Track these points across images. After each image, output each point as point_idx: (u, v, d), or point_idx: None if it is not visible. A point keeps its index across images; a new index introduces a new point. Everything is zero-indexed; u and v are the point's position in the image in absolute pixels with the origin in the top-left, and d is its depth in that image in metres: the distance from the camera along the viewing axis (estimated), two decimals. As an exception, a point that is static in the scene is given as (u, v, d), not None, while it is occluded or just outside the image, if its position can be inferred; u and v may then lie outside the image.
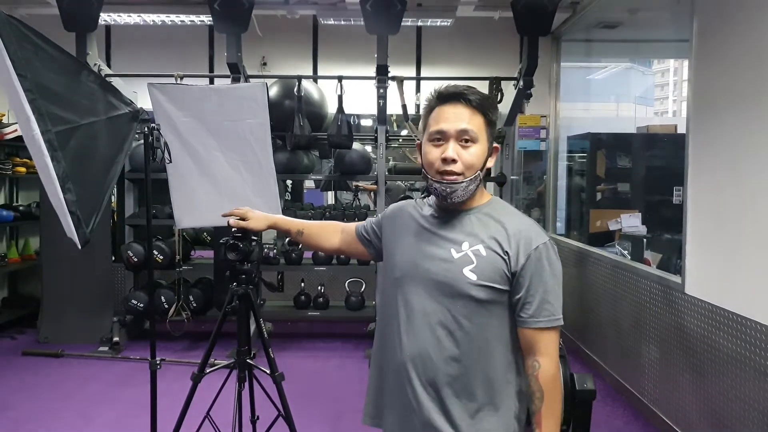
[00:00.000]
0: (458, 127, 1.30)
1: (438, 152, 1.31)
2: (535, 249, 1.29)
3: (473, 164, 1.31)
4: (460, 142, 1.30)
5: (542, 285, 1.28)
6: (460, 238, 1.33)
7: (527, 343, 1.31)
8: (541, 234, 1.32)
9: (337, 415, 3.48)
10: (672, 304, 3.21)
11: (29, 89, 1.97)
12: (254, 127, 3.67)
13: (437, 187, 1.32)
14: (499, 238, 1.30)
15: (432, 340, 1.31)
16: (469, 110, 1.31)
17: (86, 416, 3.43)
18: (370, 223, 1.63)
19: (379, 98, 4.64)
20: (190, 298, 4.73)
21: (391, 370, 1.40)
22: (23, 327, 5.18)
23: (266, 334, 2.49)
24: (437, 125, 1.32)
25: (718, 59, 2.84)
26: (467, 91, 1.32)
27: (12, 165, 5.18)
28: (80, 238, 2.19)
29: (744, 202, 2.62)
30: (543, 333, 1.30)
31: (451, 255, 1.31)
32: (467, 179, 1.30)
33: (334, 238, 1.72)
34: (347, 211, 5.02)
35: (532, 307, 1.29)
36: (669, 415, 3.23)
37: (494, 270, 1.28)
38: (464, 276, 1.28)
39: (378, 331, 1.50)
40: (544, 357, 1.29)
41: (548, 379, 1.28)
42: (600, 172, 5.44)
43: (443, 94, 1.34)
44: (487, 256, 1.29)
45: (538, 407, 1.28)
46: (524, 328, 1.30)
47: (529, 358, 1.31)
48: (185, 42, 5.76)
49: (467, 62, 5.62)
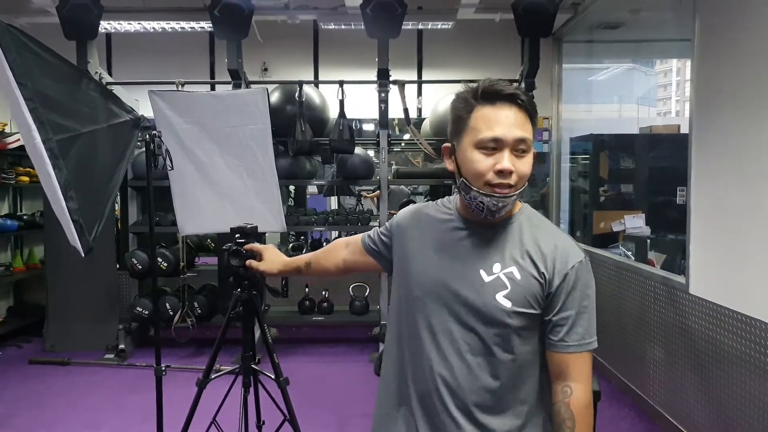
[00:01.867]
0: (515, 135, 1.13)
1: (490, 162, 1.14)
2: (572, 268, 1.17)
3: (526, 176, 1.17)
4: (515, 152, 1.14)
5: (576, 306, 1.17)
6: (490, 258, 1.20)
7: (557, 367, 1.19)
8: (577, 251, 1.20)
9: (343, 420, 3.47)
10: (676, 305, 3.20)
11: (30, 98, 1.97)
12: (256, 132, 3.68)
13: (485, 201, 1.15)
14: (534, 257, 1.18)
15: (462, 367, 1.19)
16: (522, 114, 1.15)
17: (93, 424, 3.44)
18: (378, 233, 1.46)
19: (381, 102, 4.65)
20: (194, 305, 4.73)
21: (416, 397, 1.26)
22: (29, 336, 5.20)
23: (271, 339, 2.49)
24: (491, 131, 1.13)
25: (720, 58, 2.83)
26: (520, 91, 1.16)
27: (15, 174, 5.19)
28: (83, 246, 2.20)
29: (747, 201, 2.61)
30: (575, 357, 1.18)
31: (481, 278, 1.18)
32: (518, 192, 1.16)
33: (339, 255, 1.59)
34: (350, 216, 5.02)
35: (563, 329, 1.17)
36: (674, 416, 3.21)
37: (530, 294, 1.17)
38: (497, 303, 1.16)
39: (392, 356, 1.33)
40: (577, 383, 1.18)
41: (581, 405, 1.17)
42: (603, 173, 5.43)
43: (492, 93, 1.15)
44: (521, 279, 1.17)
45: None
46: (554, 352, 1.19)
47: (559, 384, 1.19)
48: (186, 49, 5.78)
49: (468, 65, 5.62)
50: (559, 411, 1.18)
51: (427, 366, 1.22)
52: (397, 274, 1.35)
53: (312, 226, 4.96)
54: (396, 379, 1.30)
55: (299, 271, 1.71)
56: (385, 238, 1.43)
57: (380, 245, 1.44)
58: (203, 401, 2.44)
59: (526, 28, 4.53)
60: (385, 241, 1.42)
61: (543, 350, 1.23)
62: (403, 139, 6.04)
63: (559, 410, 1.18)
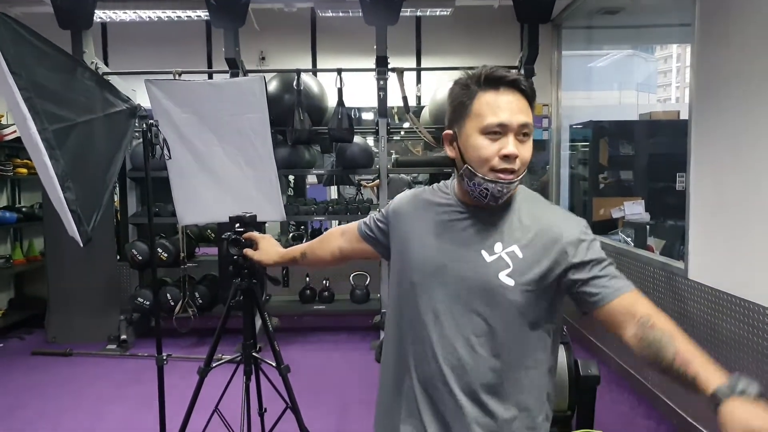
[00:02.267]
0: (520, 120, 1.14)
1: (496, 147, 1.14)
2: (580, 234, 1.17)
3: (528, 161, 1.18)
4: (518, 137, 1.15)
5: (598, 263, 1.16)
6: (491, 239, 1.19)
7: (619, 315, 1.13)
8: (577, 219, 1.21)
9: (345, 407, 3.49)
10: (675, 290, 3.20)
11: (24, 87, 1.96)
12: (254, 121, 3.67)
13: (490, 188, 1.15)
14: (536, 234, 1.18)
15: (466, 348, 1.19)
16: (524, 100, 1.16)
17: (97, 414, 3.46)
18: (374, 219, 1.45)
19: (380, 90, 4.63)
20: (195, 295, 4.75)
21: (418, 383, 1.25)
22: (31, 327, 5.21)
23: (271, 327, 2.50)
24: (495, 117, 1.14)
25: (720, 43, 2.82)
26: (521, 77, 1.17)
27: (13, 166, 5.19)
28: (82, 237, 2.20)
29: (746, 186, 2.60)
30: (630, 295, 1.14)
31: (483, 258, 1.18)
32: (520, 177, 1.17)
33: (334, 244, 1.58)
34: (350, 205, 5.02)
35: (603, 281, 1.14)
36: (673, 399, 3.23)
37: (533, 272, 1.16)
38: (500, 282, 1.16)
39: (392, 343, 1.32)
40: (648, 312, 1.12)
41: (665, 319, 1.11)
42: (603, 160, 5.42)
43: (494, 79, 1.15)
44: (523, 258, 1.16)
45: (675, 344, 1.07)
46: (606, 305, 1.13)
47: (629, 325, 1.11)
48: (183, 38, 5.75)
49: (467, 52, 5.59)
50: (647, 337, 1.09)
51: (430, 350, 1.22)
52: (395, 260, 1.34)
53: (312, 215, 4.96)
54: (397, 366, 1.30)
55: (295, 261, 1.70)
56: (381, 225, 1.42)
57: (377, 232, 1.44)
58: (206, 390, 2.45)
59: (525, 14, 4.50)
60: (382, 228, 1.42)
61: (552, 331, 1.23)
62: (403, 128, 6.03)
63: (647, 336, 1.09)
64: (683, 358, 1.05)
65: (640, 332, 1.10)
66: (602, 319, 1.16)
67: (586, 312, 1.18)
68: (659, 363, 1.07)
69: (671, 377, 1.06)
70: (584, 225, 1.21)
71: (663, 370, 1.07)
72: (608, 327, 1.16)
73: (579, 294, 1.17)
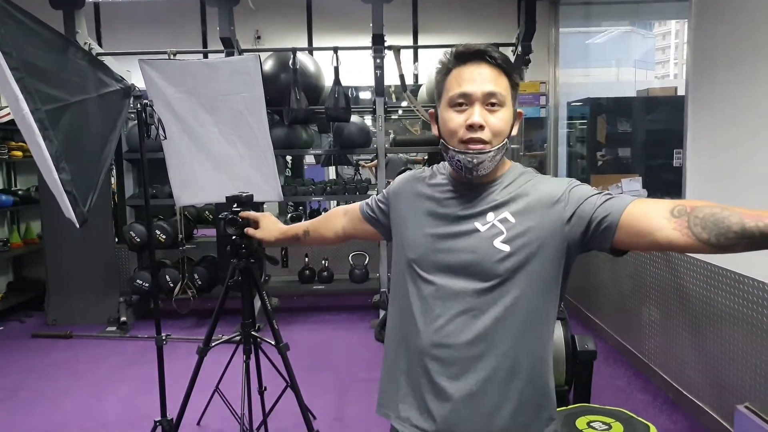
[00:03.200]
0: (484, 89, 1.14)
1: (462, 118, 1.15)
2: (565, 190, 1.15)
3: (501, 130, 1.15)
4: (486, 106, 1.15)
5: (591, 196, 1.12)
6: (484, 210, 1.18)
7: (639, 228, 1.03)
8: (564, 180, 1.19)
9: (345, 385, 3.52)
10: (671, 265, 3.22)
11: (15, 67, 1.94)
12: (249, 100, 3.64)
13: (461, 159, 1.15)
14: (527, 201, 1.16)
15: (453, 328, 1.17)
16: (494, 70, 1.15)
17: (98, 394, 3.49)
18: (375, 201, 1.46)
19: (376, 69, 4.59)
20: (194, 277, 4.76)
21: (408, 359, 1.25)
22: (30, 310, 5.24)
23: (270, 307, 2.51)
24: (459, 87, 1.15)
25: (717, 18, 2.80)
26: (490, 48, 1.16)
27: (8, 149, 5.16)
28: (78, 218, 2.19)
29: (742, 162, 2.61)
30: (636, 204, 1.06)
31: (477, 228, 1.17)
32: (495, 148, 1.15)
33: (337, 223, 1.58)
34: (348, 186, 5.01)
35: (603, 209, 1.08)
36: (669, 374, 3.26)
37: (528, 235, 1.14)
38: (496, 248, 1.14)
39: (391, 318, 1.33)
40: (670, 204, 1.03)
41: (694, 201, 1.02)
42: (600, 137, 5.40)
43: (463, 53, 1.17)
44: (516, 222, 1.15)
45: (731, 209, 0.96)
46: (619, 227, 1.06)
47: (661, 223, 1.01)
48: (177, 17, 5.69)
49: (464, 29, 5.54)
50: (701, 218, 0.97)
51: (417, 327, 1.21)
52: (395, 240, 1.35)
53: (310, 196, 4.96)
54: (397, 345, 1.30)
55: (297, 239, 1.69)
56: (382, 206, 1.43)
57: (378, 213, 1.45)
58: (206, 370, 2.47)
59: (521, -10, 4.45)
60: (383, 209, 1.43)
61: (549, 298, 1.18)
62: (400, 106, 5.99)
63: (699, 217, 0.97)
64: (753, 215, 0.93)
65: (684, 220, 0.99)
66: (629, 237, 1.06)
67: (614, 247, 1.09)
68: (727, 233, 0.94)
69: (748, 242, 0.93)
70: (571, 180, 1.19)
71: (735, 239, 0.94)
72: (640, 241, 1.04)
73: (594, 235, 1.11)
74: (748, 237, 0.93)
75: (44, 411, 3.29)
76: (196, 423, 2.99)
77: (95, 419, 3.18)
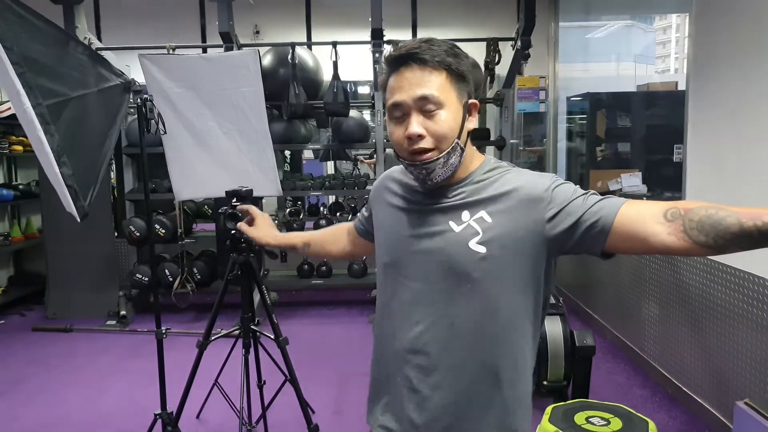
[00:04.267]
0: (414, 94, 1.06)
1: (401, 130, 1.09)
2: (547, 187, 1.07)
3: (445, 134, 1.07)
4: (423, 113, 1.07)
5: (576, 198, 1.06)
6: (458, 209, 1.12)
7: (632, 232, 0.99)
8: (545, 176, 1.11)
9: (344, 378, 3.54)
10: (671, 261, 3.23)
11: (17, 62, 1.94)
12: (248, 95, 3.65)
13: (412, 171, 1.11)
14: (505, 199, 1.09)
15: (431, 335, 1.13)
16: (424, 71, 1.06)
17: (98, 388, 3.50)
18: (362, 213, 1.42)
19: (375, 63, 4.59)
20: (194, 271, 4.77)
21: (387, 361, 1.22)
22: (31, 304, 5.25)
23: (270, 301, 2.52)
24: (392, 97, 1.09)
25: (718, 11, 2.79)
26: (418, 48, 1.06)
27: (9, 144, 5.16)
28: (79, 212, 2.20)
29: (742, 154, 2.61)
30: (627, 207, 1.01)
31: (452, 229, 1.11)
32: (444, 153, 1.07)
33: (342, 240, 1.53)
34: (347, 181, 5.01)
35: (593, 212, 1.03)
36: (668, 370, 3.27)
37: (505, 236, 1.07)
38: (471, 250, 1.08)
39: (376, 321, 1.30)
40: (663, 207, 0.98)
41: (688, 201, 0.98)
42: (600, 132, 5.40)
43: (391, 59, 1.10)
44: (493, 222, 1.08)
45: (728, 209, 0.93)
46: (612, 231, 1.01)
47: (655, 228, 0.97)
48: (176, 12, 5.68)
49: (464, 24, 5.53)
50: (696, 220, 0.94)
51: (393, 332, 1.19)
52: (375, 243, 1.30)
53: (309, 191, 4.96)
54: (377, 347, 1.28)
55: (294, 249, 1.61)
56: (367, 214, 1.40)
57: (366, 224, 1.41)
58: (206, 364, 2.48)
59: (522, -16, 4.44)
60: (368, 217, 1.39)
61: (530, 296, 1.12)
62: (399, 101, 5.97)
63: (695, 220, 0.95)
64: (749, 214, 0.91)
65: (679, 224, 0.96)
66: (621, 242, 1.01)
67: (605, 251, 1.04)
68: (725, 235, 0.92)
69: (747, 242, 0.92)
70: (552, 177, 1.12)
71: (734, 240, 0.92)
72: (634, 245, 1.01)
73: (583, 239, 1.04)
74: (747, 237, 0.91)
75: (44, 404, 3.31)
76: (195, 416, 3.01)
77: (95, 412, 3.19)
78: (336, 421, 3.03)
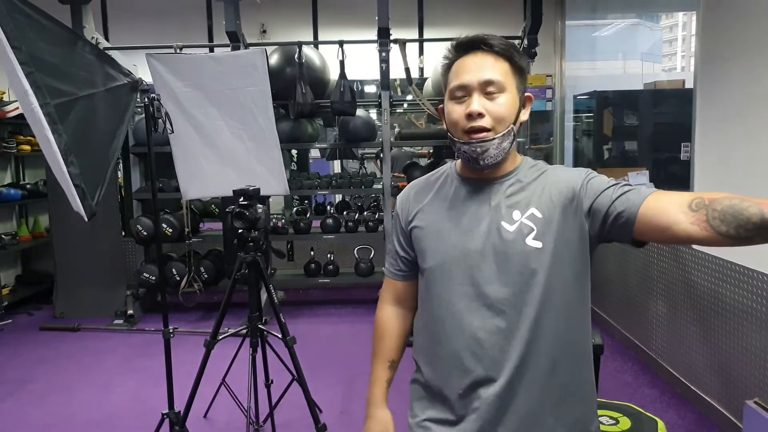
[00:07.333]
0: (481, 77, 1.13)
1: (462, 108, 1.14)
2: (583, 180, 1.14)
3: (504, 117, 1.13)
4: (486, 95, 1.14)
5: (609, 188, 1.10)
6: (507, 209, 1.16)
7: (657, 221, 1.01)
8: (580, 169, 1.18)
9: (351, 378, 3.53)
10: (679, 259, 3.21)
11: (25, 62, 1.94)
12: (255, 94, 3.65)
13: (466, 150, 1.14)
14: (547, 192, 1.15)
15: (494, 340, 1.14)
16: (491, 57, 1.15)
17: (105, 387, 3.51)
18: (395, 252, 1.35)
19: (382, 62, 4.58)
20: (201, 270, 4.78)
21: (440, 372, 1.21)
22: (38, 303, 5.28)
23: (277, 300, 2.52)
24: (457, 79, 1.16)
25: (726, 9, 2.77)
26: (487, 36, 1.16)
27: (16, 143, 5.18)
28: (86, 211, 2.20)
29: (751, 153, 2.59)
30: (654, 197, 1.04)
31: (506, 229, 1.14)
32: (499, 135, 1.13)
33: (397, 323, 1.38)
34: (353, 180, 5.01)
35: (621, 201, 1.07)
36: (677, 368, 3.26)
37: (555, 228, 1.12)
38: (528, 246, 1.12)
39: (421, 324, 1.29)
40: (688, 197, 1.00)
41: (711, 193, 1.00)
42: (607, 130, 5.38)
43: (460, 45, 1.18)
44: (543, 217, 1.13)
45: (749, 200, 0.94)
46: (638, 220, 1.04)
47: (678, 217, 0.99)
48: (183, 12, 5.70)
49: (470, 22, 5.52)
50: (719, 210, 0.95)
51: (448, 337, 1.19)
52: (417, 251, 1.28)
53: (315, 189, 4.97)
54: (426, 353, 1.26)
55: (395, 368, 1.41)
56: (405, 245, 1.32)
57: (407, 258, 1.33)
58: (213, 364, 2.49)
59: (528, -18, 4.43)
60: (407, 249, 1.32)
61: (584, 282, 1.18)
62: (406, 100, 5.98)
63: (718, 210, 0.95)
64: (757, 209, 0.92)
65: (702, 213, 0.97)
66: (648, 231, 1.04)
67: (635, 239, 1.08)
68: (746, 225, 0.93)
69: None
70: (587, 170, 1.18)
71: (755, 231, 0.93)
72: (659, 235, 1.03)
73: (613, 228, 1.09)
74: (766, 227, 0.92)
75: (52, 403, 3.32)
76: (203, 416, 3.01)
77: (103, 412, 3.20)
78: (343, 421, 3.03)
